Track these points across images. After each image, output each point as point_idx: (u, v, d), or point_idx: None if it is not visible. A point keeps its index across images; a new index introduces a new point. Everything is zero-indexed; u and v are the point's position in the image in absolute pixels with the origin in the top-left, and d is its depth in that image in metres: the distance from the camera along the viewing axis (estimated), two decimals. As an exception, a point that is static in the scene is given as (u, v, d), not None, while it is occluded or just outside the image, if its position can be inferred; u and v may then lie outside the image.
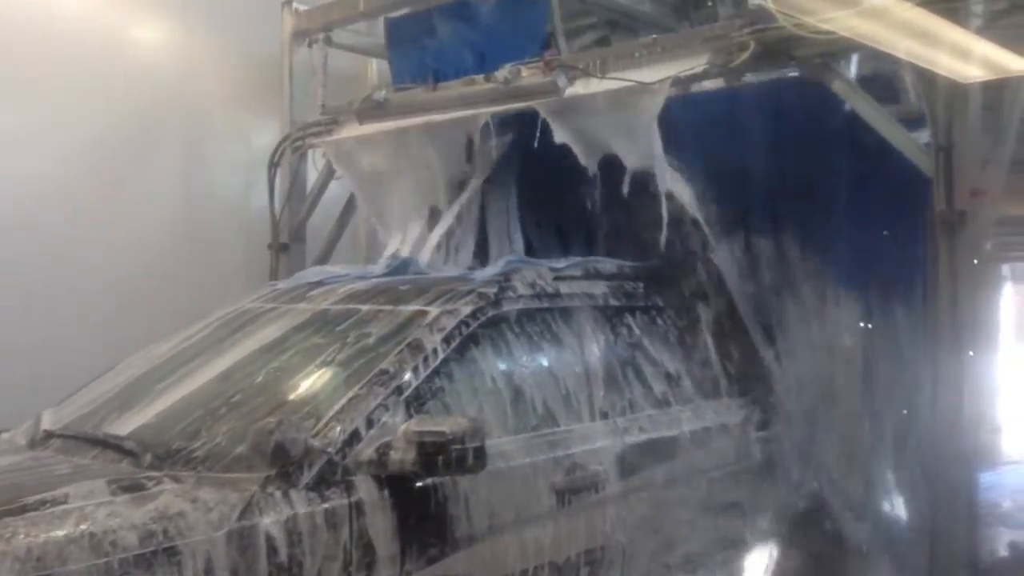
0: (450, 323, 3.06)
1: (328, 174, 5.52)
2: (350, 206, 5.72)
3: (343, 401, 2.74)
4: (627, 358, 3.61)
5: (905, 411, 4.04)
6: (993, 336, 5.62)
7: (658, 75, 3.78)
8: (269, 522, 2.40)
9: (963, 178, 3.21)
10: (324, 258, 5.62)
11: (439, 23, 4.61)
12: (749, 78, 3.81)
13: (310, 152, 5.56)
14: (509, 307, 3.27)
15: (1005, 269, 8.46)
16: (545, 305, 3.43)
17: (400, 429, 2.64)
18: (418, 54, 4.62)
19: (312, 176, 5.66)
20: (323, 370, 3.02)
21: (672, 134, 3.80)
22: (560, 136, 3.99)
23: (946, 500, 3.47)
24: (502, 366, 3.17)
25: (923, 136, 3.55)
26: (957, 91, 3.24)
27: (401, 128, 4.59)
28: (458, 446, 2.55)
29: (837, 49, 3.48)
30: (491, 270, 3.54)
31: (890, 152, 3.49)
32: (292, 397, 2.93)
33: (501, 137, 4.38)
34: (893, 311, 4.02)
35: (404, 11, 5.14)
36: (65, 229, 5.05)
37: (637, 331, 3.72)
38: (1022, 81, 3.49)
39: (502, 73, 4.07)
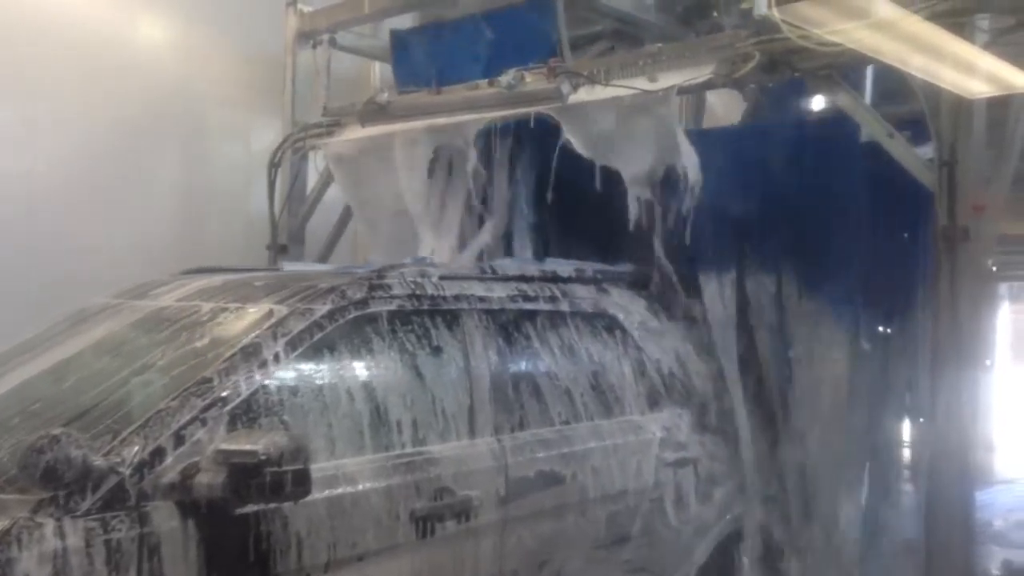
0: (299, 325, 2.70)
1: (329, 175, 5.51)
2: (350, 208, 5.71)
3: (150, 413, 2.36)
4: (522, 370, 3.27)
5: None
6: (990, 354, 5.63)
7: (663, 84, 3.78)
8: (30, 558, 2.01)
9: (966, 193, 3.20)
10: (323, 259, 5.60)
11: (446, 35, 4.59)
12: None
13: (311, 153, 5.54)
14: (379, 308, 2.91)
15: (1003, 289, 8.49)
16: (425, 307, 3.06)
17: (209, 448, 2.31)
18: (423, 63, 4.60)
19: (312, 177, 5.65)
20: (139, 377, 2.63)
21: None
22: (572, 139, 3.99)
23: (943, 518, 3.45)
24: (363, 376, 2.81)
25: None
26: (962, 106, 3.24)
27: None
28: (274, 468, 2.22)
29: (842, 62, 3.47)
30: (372, 266, 3.23)
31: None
32: (96, 408, 2.50)
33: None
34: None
35: (408, 14, 5.15)
36: (63, 227, 5.02)
37: (537, 339, 3.37)
38: (1026, 98, 3.49)
39: (506, 78, 4.07)
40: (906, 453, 4.33)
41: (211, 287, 3.19)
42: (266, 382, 2.56)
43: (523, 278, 3.51)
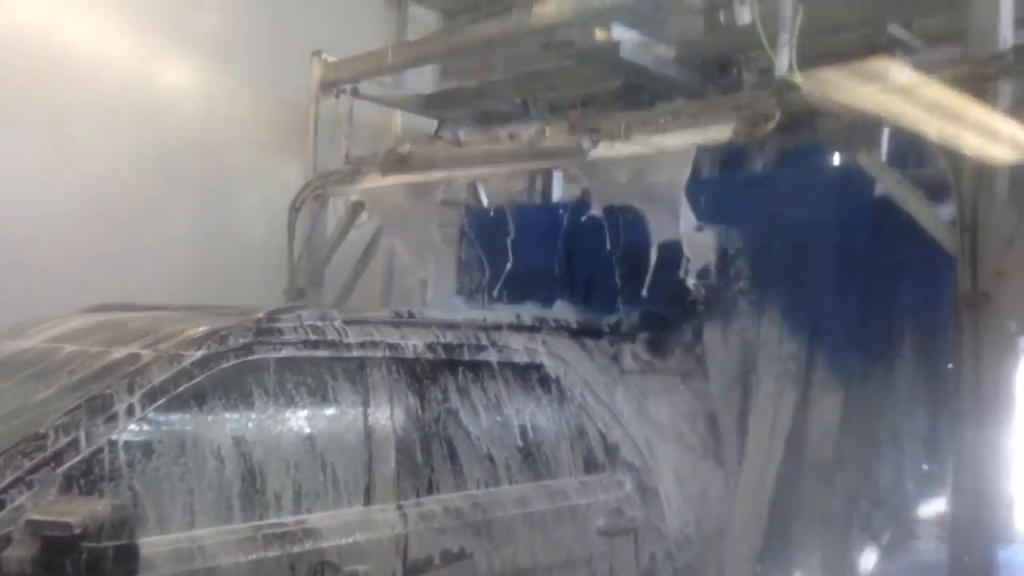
0: (162, 374, 2.40)
1: (349, 221, 5.58)
2: (368, 253, 5.77)
3: None
4: (436, 428, 2.93)
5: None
6: (1011, 411, 5.55)
7: (682, 142, 3.80)
8: None
9: (988, 258, 3.19)
10: (340, 304, 5.64)
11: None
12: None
13: (331, 199, 5.60)
14: (265, 355, 2.60)
15: (1022, 342, 8.41)
16: (322, 354, 2.75)
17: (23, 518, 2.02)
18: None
19: (332, 223, 5.70)
20: None
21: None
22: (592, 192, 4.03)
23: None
24: (237, 433, 2.49)
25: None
26: (984, 172, 3.23)
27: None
28: (92, 544, 1.96)
29: (863, 123, 3.48)
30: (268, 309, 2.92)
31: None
32: None
33: None
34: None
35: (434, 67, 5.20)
36: (84, 266, 5.05)
37: (457, 393, 3.04)
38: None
39: (527, 133, 4.11)
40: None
41: (85, 327, 2.91)
42: (114, 439, 2.26)
43: (446, 324, 3.19)
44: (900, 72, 3.19)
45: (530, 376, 3.34)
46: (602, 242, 4.27)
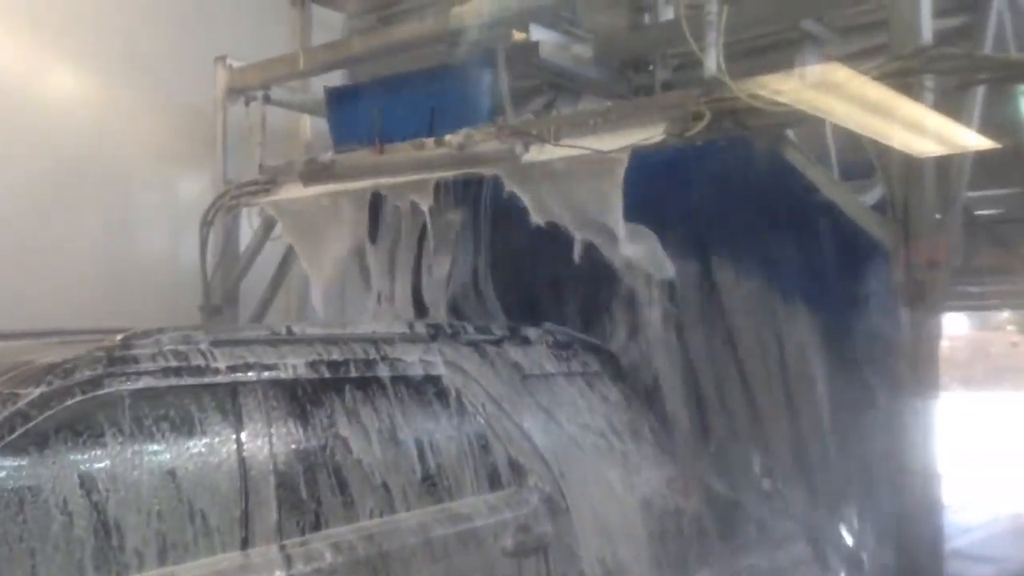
0: None
1: (264, 234, 5.36)
2: (284, 266, 5.57)
3: None
4: (322, 456, 2.70)
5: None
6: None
7: (613, 143, 3.78)
8: None
9: (921, 248, 3.27)
10: (257, 320, 5.44)
11: (386, 92, 4.52)
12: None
13: (244, 211, 5.39)
14: (117, 388, 2.34)
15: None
16: (186, 383, 2.49)
17: None
18: (363, 121, 4.48)
19: (246, 235, 5.49)
20: None
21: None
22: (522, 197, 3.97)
23: (916, 547, 3.44)
24: (89, 481, 2.21)
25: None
26: (912, 164, 3.31)
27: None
28: None
29: (792, 120, 3.53)
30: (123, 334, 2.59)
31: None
32: None
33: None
34: None
35: (343, 70, 5.07)
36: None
37: (345, 416, 2.81)
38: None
39: (455, 138, 4.02)
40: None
41: None
42: None
43: (329, 339, 2.96)
44: (828, 68, 3.25)
45: (426, 390, 3.13)
46: None
